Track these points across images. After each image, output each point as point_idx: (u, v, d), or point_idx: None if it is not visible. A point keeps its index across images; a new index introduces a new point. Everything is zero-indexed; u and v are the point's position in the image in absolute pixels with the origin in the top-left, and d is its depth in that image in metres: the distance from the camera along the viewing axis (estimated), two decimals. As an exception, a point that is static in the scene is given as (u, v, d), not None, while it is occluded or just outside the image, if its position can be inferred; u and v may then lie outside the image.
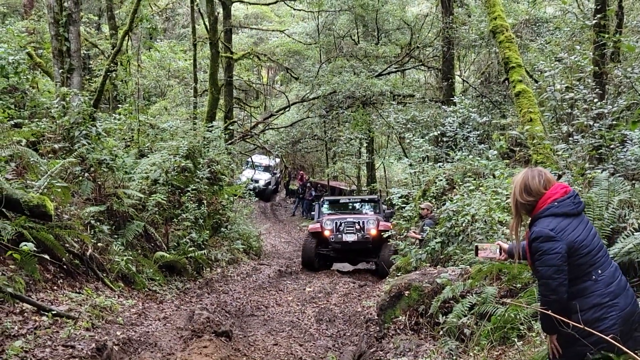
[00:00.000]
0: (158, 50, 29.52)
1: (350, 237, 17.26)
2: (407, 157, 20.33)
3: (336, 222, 17.56)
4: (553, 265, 3.86)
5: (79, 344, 6.73)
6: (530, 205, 4.07)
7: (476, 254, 5.00)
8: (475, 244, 5.08)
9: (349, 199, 21.53)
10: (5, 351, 6.04)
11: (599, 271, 3.95)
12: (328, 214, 19.16)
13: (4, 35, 15.82)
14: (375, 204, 19.95)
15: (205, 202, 15.67)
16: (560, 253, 3.86)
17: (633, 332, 3.97)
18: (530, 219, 4.15)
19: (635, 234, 6.22)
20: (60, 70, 13.38)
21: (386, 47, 29.37)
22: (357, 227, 17.33)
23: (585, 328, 3.82)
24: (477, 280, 7.53)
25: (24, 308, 7.34)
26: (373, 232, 17.12)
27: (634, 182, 8.09)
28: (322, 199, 21.21)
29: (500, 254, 4.75)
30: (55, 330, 7.10)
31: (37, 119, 12.14)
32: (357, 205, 20.44)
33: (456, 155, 14.15)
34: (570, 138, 10.12)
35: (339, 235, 17.31)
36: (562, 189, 4.05)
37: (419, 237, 12.12)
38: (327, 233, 17.44)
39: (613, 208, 6.73)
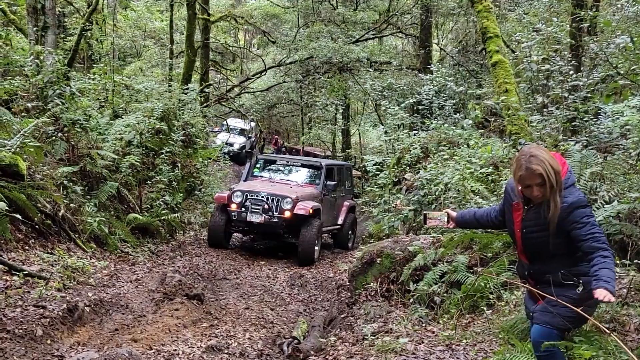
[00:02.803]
0: (134, 10, 29.13)
1: (255, 218, 13.68)
2: (382, 125, 20.26)
3: (245, 195, 13.97)
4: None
5: (50, 305, 6.73)
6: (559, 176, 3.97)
7: (425, 222, 5.01)
8: (424, 212, 5.11)
9: (288, 162, 16.69)
10: (-25, 310, 6.03)
11: None
12: (256, 177, 15.72)
13: (-24, -10, 15.50)
14: (317, 172, 15.73)
15: (179, 164, 15.59)
16: None
17: None
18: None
19: (605, 206, 6.32)
20: (35, 28, 13.16)
21: (364, 13, 29.14)
22: (266, 206, 13.69)
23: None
24: (449, 249, 7.60)
25: (-6, 268, 7.31)
26: (287, 214, 13.59)
27: (606, 154, 8.20)
28: (255, 157, 17.03)
29: (448, 222, 4.81)
30: (27, 290, 7.09)
31: (10, 77, 11.94)
32: (298, 171, 16.08)
33: (431, 123, 14.20)
34: (545, 109, 10.20)
35: (243, 214, 13.75)
36: (561, 159, 4.14)
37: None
38: (233, 207, 13.94)
39: (585, 180, 6.82)
